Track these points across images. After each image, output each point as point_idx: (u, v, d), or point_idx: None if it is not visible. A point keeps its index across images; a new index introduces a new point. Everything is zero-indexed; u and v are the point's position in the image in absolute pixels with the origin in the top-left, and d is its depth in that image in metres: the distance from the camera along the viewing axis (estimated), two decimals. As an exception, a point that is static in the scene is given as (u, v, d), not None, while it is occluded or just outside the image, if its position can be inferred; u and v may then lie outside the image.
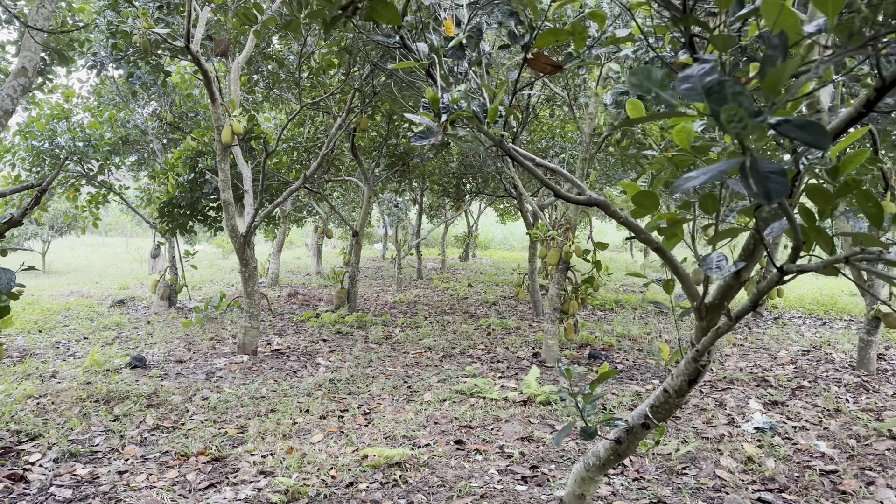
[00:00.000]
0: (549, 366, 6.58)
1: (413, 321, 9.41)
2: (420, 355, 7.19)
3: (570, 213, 6.55)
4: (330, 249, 26.95)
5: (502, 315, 10.27)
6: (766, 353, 7.49)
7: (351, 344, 7.82)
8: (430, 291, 13.43)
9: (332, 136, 6.71)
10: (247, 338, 6.90)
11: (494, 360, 6.94)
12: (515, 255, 26.01)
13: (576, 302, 6.64)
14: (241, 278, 6.89)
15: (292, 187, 6.64)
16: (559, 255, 6.55)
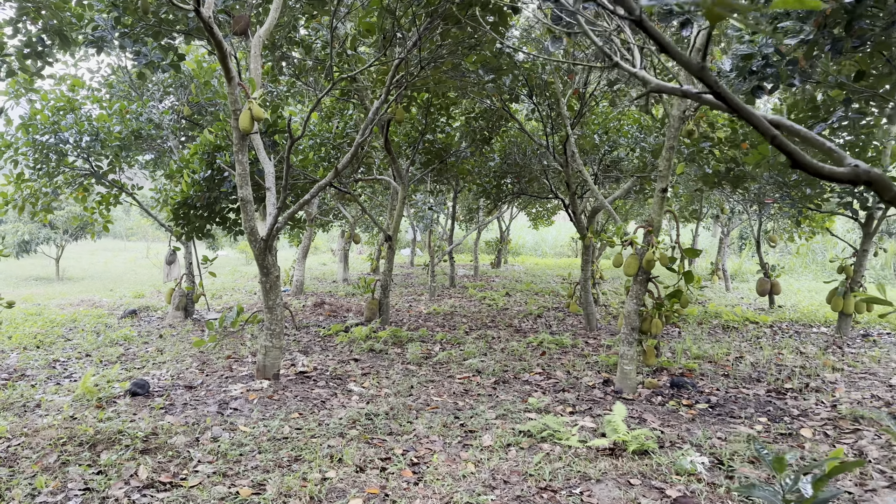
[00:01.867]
0: (628, 397, 5.46)
1: (453, 336, 8.35)
2: (468, 381, 6.13)
3: (652, 213, 5.45)
4: (356, 255, 26.04)
5: (552, 329, 9.17)
6: (875, 379, 6.31)
7: (386, 365, 6.79)
8: (466, 301, 12.37)
9: (368, 122, 5.69)
10: (267, 359, 5.89)
11: (558, 389, 5.85)
12: (549, 262, 24.86)
13: (658, 321, 5.53)
14: (260, 289, 5.90)
15: (321, 183, 5.63)
16: (639, 264, 5.45)
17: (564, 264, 23.82)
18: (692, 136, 8.00)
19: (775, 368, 6.77)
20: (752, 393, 5.72)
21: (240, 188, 5.59)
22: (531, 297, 13.17)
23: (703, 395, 5.65)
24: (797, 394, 5.70)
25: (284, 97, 10.37)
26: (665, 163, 5.36)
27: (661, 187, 5.38)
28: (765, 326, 9.67)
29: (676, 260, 5.52)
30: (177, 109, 9.80)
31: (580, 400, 5.45)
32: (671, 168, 5.36)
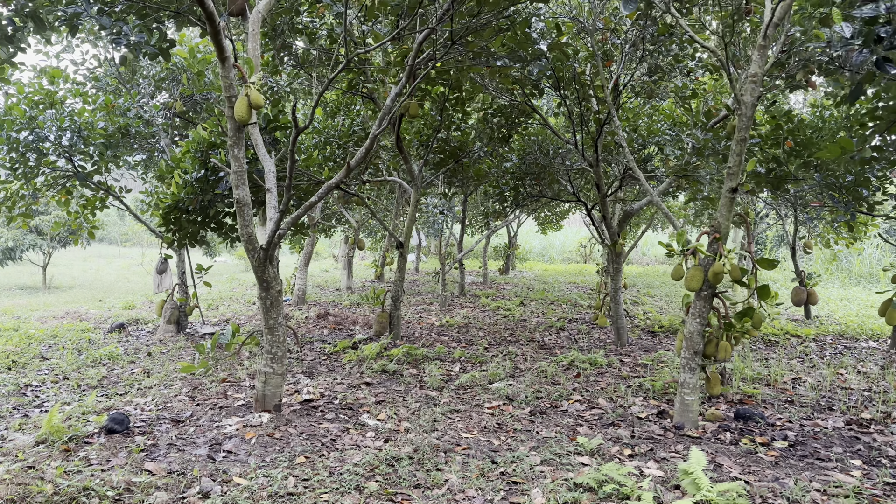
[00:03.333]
0: (692, 434, 4.65)
1: (473, 354, 7.54)
2: (499, 411, 5.32)
3: (720, 217, 4.65)
4: (359, 261, 25.23)
5: (580, 345, 8.35)
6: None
7: (402, 390, 5.97)
8: (480, 312, 11.55)
9: (386, 110, 4.88)
10: (268, 388, 5.07)
11: (606, 422, 5.03)
12: (558, 268, 24.05)
13: (727, 343, 4.72)
14: (259, 306, 5.09)
15: (330, 182, 4.83)
16: (703, 277, 4.65)
17: (574, 270, 23.02)
18: (738, 133, 7.21)
19: (841, 393, 5.97)
20: (831, 425, 4.91)
21: (235, 188, 4.79)
22: (547, 306, 12.35)
23: (776, 429, 4.84)
24: (881, 426, 4.90)
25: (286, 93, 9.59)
26: (735, 158, 4.55)
27: (730, 186, 4.58)
28: (808, 340, 8.87)
29: (747, 272, 4.72)
30: (168, 105, 9.00)
31: (637, 438, 4.63)
32: (742, 164, 4.56)
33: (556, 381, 6.29)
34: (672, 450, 4.35)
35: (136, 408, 5.35)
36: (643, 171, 9.61)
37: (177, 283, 9.00)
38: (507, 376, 6.50)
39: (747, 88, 4.48)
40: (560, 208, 18.53)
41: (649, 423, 4.98)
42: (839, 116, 8.86)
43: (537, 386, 6.08)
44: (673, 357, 7.35)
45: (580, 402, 5.61)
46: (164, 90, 9.21)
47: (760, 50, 4.42)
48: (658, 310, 12.09)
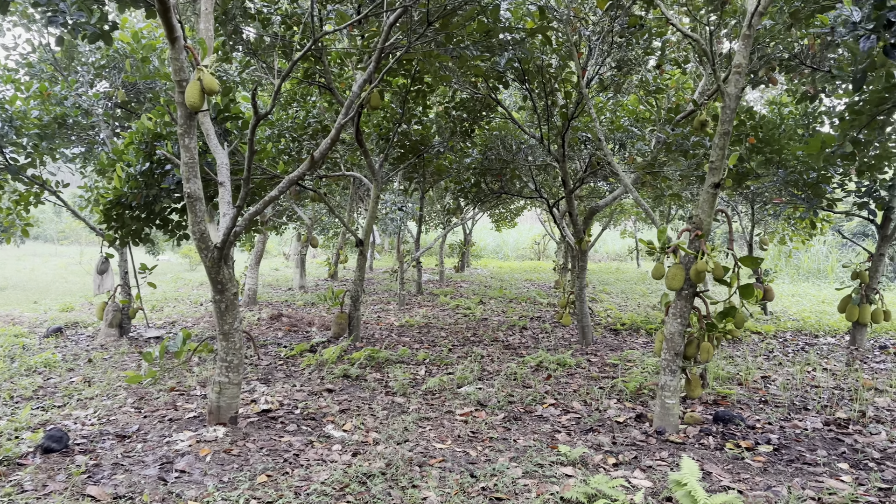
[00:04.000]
0: (675, 440, 4.47)
1: (438, 356, 7.25)
2: (472, 417, 5.05)
3: (701, 214, 4.48)
4: (310, 259, 24.62)
5: (544, 344, 8.16)
6: (929, 405, 5.52)
7: (368, 397, 5.64)
8: (439, 311, 11.28)
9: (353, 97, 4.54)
10: (222, 399, 4.68)
11: (584, 427, 4.82)
12: (513, 265, 24.00)
13: (708, 344, 4.57)
14: (214, 311, 4.70)
15: (292, 175, 4.46)
16: (685, 276, 4.48)
17: (529, 267, 23.00)
18: (705, 128, 7.13)
19: (812, 392, 5.93)
20: (810, 426, 4.81)
21: (186, 182, 4.37)
22: (507, 304, 12.17)
23: (757, 432, 4.71)
24: (859, 426, 4.83)
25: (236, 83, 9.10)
26: (718, 152, 4.39)
27: (712, 182, 4.41)
28: (769, 337, 8.91)
29: (729, 270, 4.58)
30: (110, 94, 8.41)
31: (619, 445, 4.42)
32: (725, 158, 4.41)
33: (527, 384, 6.06)
34: (657, 457, 4.16)
35: (76, 422, 4.87)
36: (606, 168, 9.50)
37: (119, 283, 8.43)
38: (476, 379, 6.24)
39: (731, 80, 4.32)
40: (515, 205, 18.42)
41: (629, 427, 4.79)
42: (797, 113, 8.92)
43: (508, 389, 5.84)
44: (641, 357, 7.23)
45: (554, 405, 5.39)
46: (104, 78, 8.61)
47: (745, 39, 4.27)
48: (617, 307, 12.05)
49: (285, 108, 8.67)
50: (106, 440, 4.46)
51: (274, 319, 9.95)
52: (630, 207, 19.70)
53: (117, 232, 6.94)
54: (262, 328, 9.30)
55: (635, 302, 12.95)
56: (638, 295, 14.30)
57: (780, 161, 8.19)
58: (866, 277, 7.84)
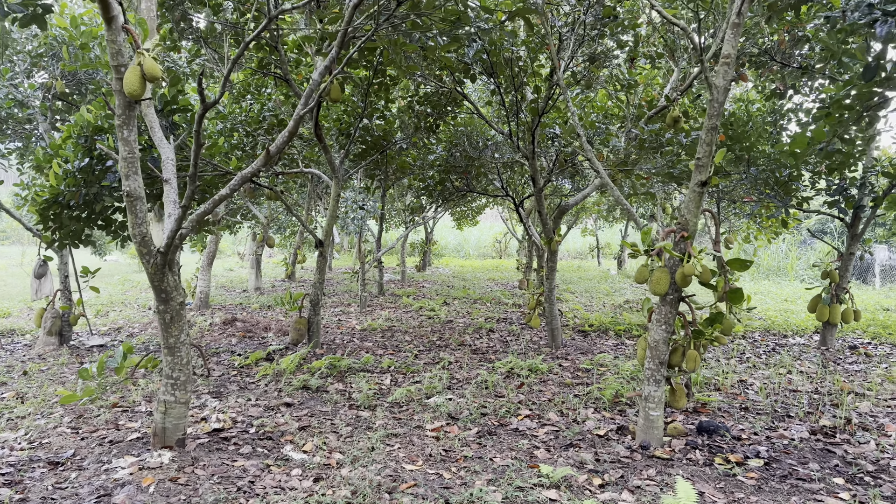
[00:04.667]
0: (662, 456, 4.20)
1: (403, 363, 6.89)
2: (444, 432, 4.70)
3: (686, 213, 4.21)
4: (266, 259, 23.91)
5: (513, 347, 7.86)
6: (908, 408, 5.40)
7: (330, 411, 5.23)
8: (403, 313, 10.89)
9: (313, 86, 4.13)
10: (168, 420, 4.22)
11: (564, 442, 4.51)
12: (474, 264, 23.74)
13: (695, 352, 4.31)
14: (158, 322, 4.23)
15: (247, 171, 4.03)
16: (670, 280, 4.20)
17: (491, 266, 22.78)
18: (678, 124, 6.93)
19: (791, 397, 5.76)
20: (797, 436, 4.60)
21: (125, 179, 3.91)
22: (471, 305, 11.86)
23: (744, 443, 4.48)
24: (846, 435, 4.65)
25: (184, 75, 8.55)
26: (705, 148, 4.13)
27: (699, 180, 4.15)
28: (738, 337, 8.80)
29: (716, 274, 4.33)
30: (48, 85, 7.78)
31: (603, 462, 4.12)
32: (712, 155, 4.15)
33: (500, 393, 5.74)
34: (644, 476, 3.87)
35: (4, 446, 4.35)
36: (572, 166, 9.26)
37: (58, 288, 7.81)
38: (445, 389, 5.89)
39: (720, 71, 4.06)
40: (476, 203, 18.15)
41: (611, 441, 4.50)
42: (765, 110, 8.83)
43: (480, 399, 5.50)
44: (613, 361, 6.99)
45: (530, 417, 5.07)
46: (42, 68, 7.97)
47: (734, 28, 4.01)
48: (583, 306, 11.86)
49: (238, 100, 8.17)
50: (36, 468, 3.97)
51: (227, 324, 9.42)
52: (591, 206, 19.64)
53: (55, 233, 6.39)
54: (215, 334, 8.77)
55: (600, 301, 12.78)
56: (602, 294, 14.16)
57: (751, 159, 8.07)
58: (836, 277, 7.76)
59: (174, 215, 4.09)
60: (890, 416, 5.09)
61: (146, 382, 5.99)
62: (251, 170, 4.00)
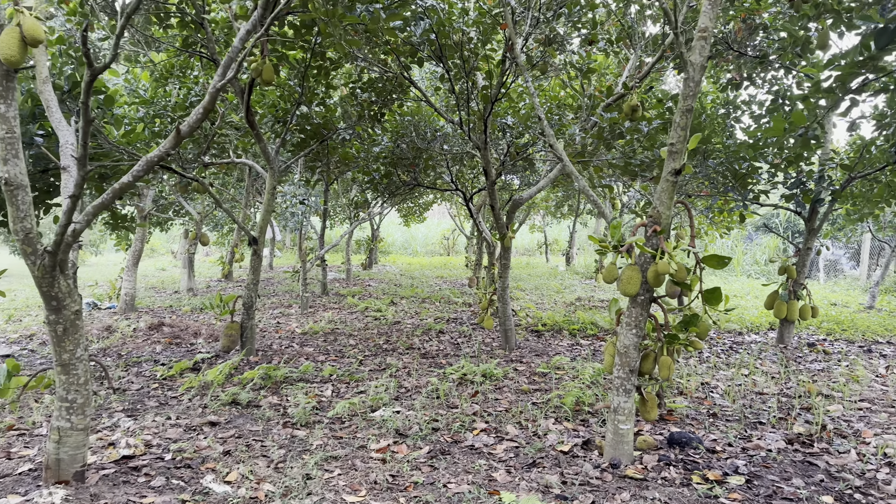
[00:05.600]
0: (634, 475, 3.76)
1: (347, 371, 6.32)
2: (390, 453, 4.16)
3: (659, 206, 3.79)
4: (202, 258, 22.81)
5: (465, 350, 7.39)
6: (881, 409, 5.16)
7: (261, 430, 4.63)
8: (347, 314, 10.29)
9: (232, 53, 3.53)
10: (63, 450, 3.55)
11: (526, 461, 4.04)
12: (422, 261, 23.21)
13: (668, 358, 3.89)
14: (49, 335, 3.57)
15: (153, 154, 3.40)
16: (641, 280, 3.78)
17: (439, 263, 22.31)
18: (636, 113, 6.57)
19: (758, 400, 5.46)
20: (774, 447, 4.26)
21: (3, 163, 3.24)
22: (420, 305, 11.34)
23: (719, 457, 4.10)
24: (824, 444, 4.33)
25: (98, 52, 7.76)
26: (679, 133, 3.71)
27: (672, 168, 3.73)
28: (694, 335, 8.53)
29: (691, 272, 3.93)
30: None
31: (570, 485, 3.66)
32: (686, 140, 3.73)
33: (452, 404, 5.23)
34: (618, 501, 3.43)
35: None
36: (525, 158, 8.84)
37: (-48, 293, 6.91)
38: (393, 400, 5.35)
39: (696, 46, 3.65)
40: (424, 199, 17.65)
41: (577, 459, 4.05)
42: (720, 102, 8.61)
43: (431, 412, 4.99)
44: (570, 363, 6.58)
45: (486, 431, 4.59)
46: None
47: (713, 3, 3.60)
48: (535, 305, 11.49)
49: (162, 83, 7.41)
50: None
51: (153, 329, 8.63)
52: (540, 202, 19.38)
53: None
54: (138, 341, 7.99)
55: (551, 299, 12.45)
56: (553, 291, 13.85)
57: (707, 151, 7.80)
58: (794, 273, 7.57)
59: (65, 208, 3.43)
60: (863, 421, 4.82)
61: (52, 400, 5.25)
62: (158, 153, 3.37)
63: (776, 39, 7.28)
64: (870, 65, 3.88)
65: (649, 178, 7.00)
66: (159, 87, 7.48)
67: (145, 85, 7.60)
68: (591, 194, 4.68)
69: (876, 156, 6.86)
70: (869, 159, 6.92)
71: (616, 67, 8.52)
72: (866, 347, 7.77)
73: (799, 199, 7.27)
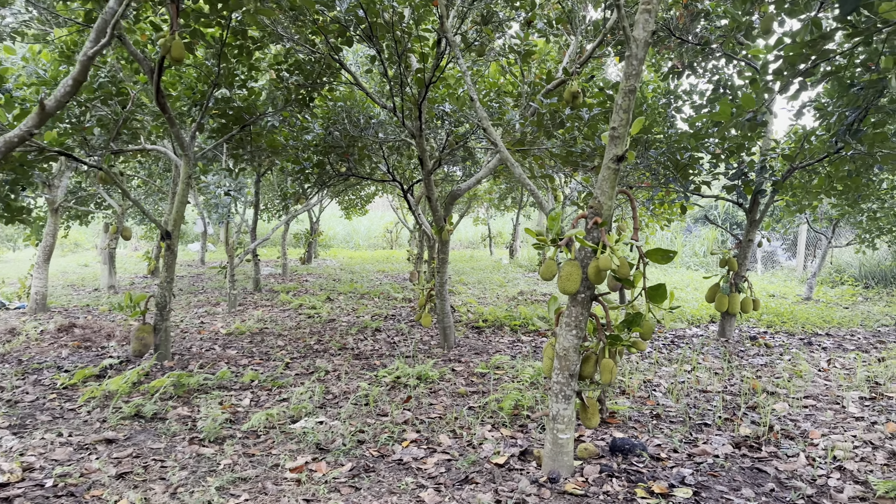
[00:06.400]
0: (575, 491, 3.44)
1: (270, 375, 5.83)
2: (308, 472, 3.73)
3: (600, 195, 3.46)
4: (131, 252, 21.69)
5: (401, 350, 6.99)
6: (826, 406, 5.02)
7: (164, 448, 4.12)
8: (279, 312, 9.74)
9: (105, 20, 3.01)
10: None
11: (458, 476, 3.67)
12: (364, 255, 22.66)
13: (611, 361, 3.58)
14: None
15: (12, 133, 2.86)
16: (581, 276, 3.45)
17: (381, 257, 21.82)
18: (577, 100, 6.29)
19: (702, 398, 5.26)
20: (721, 452, 4.02)
21: None
22: (358, 301, 10.88)
23: (665, 465, 3.83)
24: (773, 447, 4.11)
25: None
26: (622, 115, 3.39)
27: (614, 154, 3.41)
28: (637, 329, 8.36)
29: (634, 267, 3.63)
30: None
31: (501, 501, 3.31)
32: (629, 124, 3.42)
33: (382, 411, 4.83)
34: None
35: None
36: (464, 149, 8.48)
37: None
38: (317, 408, 4.91)
39: (639, 21, 3.32)
40: (366, 191, 17.13)
41: (514, 472, 3.71)
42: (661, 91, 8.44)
43: (358, 421, 4.57)
44: (510, 362, 6.27)
45: (417, 442, 4.21)
46: None
47: (657, -30, 3.28)
48: (477, 299, 11.18)
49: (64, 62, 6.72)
50: None
51: (63, 331, 7.91)
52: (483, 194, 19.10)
53: None
54: (44, 344, 7.28)
55: (494, 293, 12.17)
56: (496, 285, 13.58)
57: (649, 142, 7.60)
58: (735, 265, 7.45)
59: None
60: (810, 420, 4.65)
61: (-79, 418, 4.60)
62: (18, 132, 2.84)
63: (718, 27, 7.11)
64: (820, 44, 3.65)
65: (590, 168, 6.73)
66: (62, 67, 6.78)
67: (45, 63, 6.89)
68: (529, 184, 4.34)
69: (816, 146, 6.77)
70: (809, 150, 6.83)
71: (557, 54, 8.24)
72: (806, 340, 7.74)
73: (740, 189, 7.14)
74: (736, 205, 7.45)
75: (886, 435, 4.25)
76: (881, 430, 4.35)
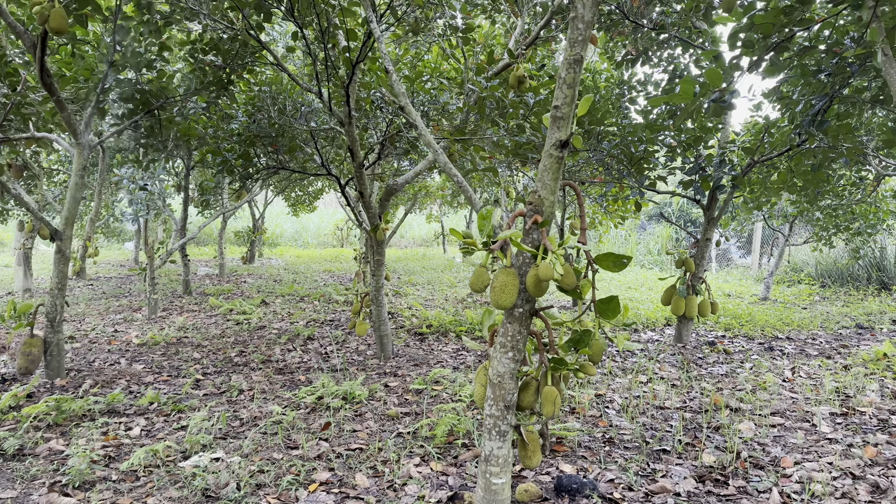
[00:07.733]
0: (510, 549, 2.83)
1: (174, 395, 5.09)
2: (186, 528, 3.03)
3: (541, 189, 2.85)
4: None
5: (332, 362, 6.31)
6: (794, 424, 4.55)
7: (17, 497, 3.36)
8: (205, 317, 8.93)
9: None
10: None
11: (369, 531, 3.02)
12: (312, 254, 21.79)
13: (554, 389, 2.97)
14: None
15: None
16: (518, 287, 2.84)
17: (330, 255, 20.99)
18: (522, 85, 5.70)
19: (659, 416, 4.72)
20: (683, 488, 3.46)
21: None
22: (296, 305, 10.12)
23: (608, 499, 3.25)
24: (742, 481, 3.58)
25: None
26: (566, 91, 2.78)
27: (558, 139, 2.80)
28: (590, 334, 7.84)
29: (580, 273, 3.03)
30: None
31: (422, 573, 2.68)
32: (575, 104, 2.81)
33: (293, 443, 4.14)
34: None
35: None
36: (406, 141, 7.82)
37: None
38: (218, 439, 4.20)
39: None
40: (313, 187, 16.33)
41: (439, 524, 3.08)
42: (615, 81, 7.94)
43: (263, 456, 3.88)
44: (451, 375, 5.65)
45: (328, 484, 3.53)
46: None
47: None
48: (423, 302, 10.54)
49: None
50: None
51: (-51, 345, 6.98)
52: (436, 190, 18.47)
53: None
54: (-78, 361, 6.36)
55: (443, 294, 11.55)
56: (446, 286, 12.96)
57: (602, 134, 7.07)
58: (692, 266, 6.97)
59: None
60: (779, 443, 4.14)
61: None
62: None
63: (675, 11, 6.61)
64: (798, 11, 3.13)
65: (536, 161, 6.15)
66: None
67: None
68: (456, 174, 3.71)
69: (778, 138, 6.33)
70: (770, 143, 6.39)
71: (504, 38, 7.64)
72: (767, 345, 7.32)
73: (698, 185, 6.66)
74: (693, 201, 6.97)
75: (866, 461, 3.76)
76: (859, 454, 3.86)
